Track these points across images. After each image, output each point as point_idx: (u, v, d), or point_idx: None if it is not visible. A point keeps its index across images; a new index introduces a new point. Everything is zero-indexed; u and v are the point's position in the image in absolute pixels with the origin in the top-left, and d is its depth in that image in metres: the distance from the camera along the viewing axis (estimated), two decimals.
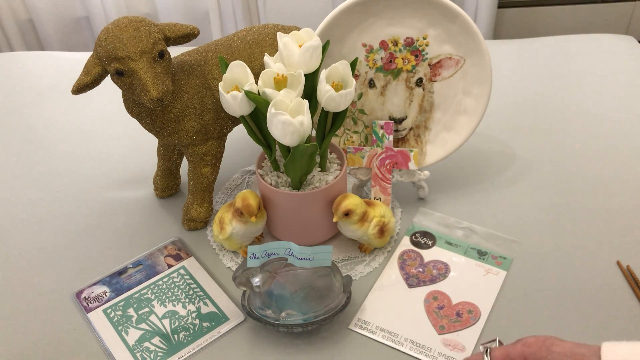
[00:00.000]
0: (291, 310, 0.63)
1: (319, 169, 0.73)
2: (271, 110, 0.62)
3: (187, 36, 0.69)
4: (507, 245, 0.74)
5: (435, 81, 0.77)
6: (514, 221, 0.78)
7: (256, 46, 0.76)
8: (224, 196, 0.85)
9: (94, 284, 0.73)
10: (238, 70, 0.68)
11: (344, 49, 0.76)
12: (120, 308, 0.70)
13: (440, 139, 0.80)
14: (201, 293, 0.71)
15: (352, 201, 0.69)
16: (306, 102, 0.64)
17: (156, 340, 0.66)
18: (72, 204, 0.85)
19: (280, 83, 0.66)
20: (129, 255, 0.77)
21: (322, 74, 0.66)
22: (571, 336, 0.64)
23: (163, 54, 0.66)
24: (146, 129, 0.73)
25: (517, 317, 0.66)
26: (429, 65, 0.76)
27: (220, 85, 0.67)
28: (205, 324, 0.67)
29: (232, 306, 0.69)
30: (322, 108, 0.68)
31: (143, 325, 0.68)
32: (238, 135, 0.96)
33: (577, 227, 0.77)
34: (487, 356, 0.45)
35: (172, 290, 0.72)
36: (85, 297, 0.71)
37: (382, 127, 0.78)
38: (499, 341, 0.49)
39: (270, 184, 0.71)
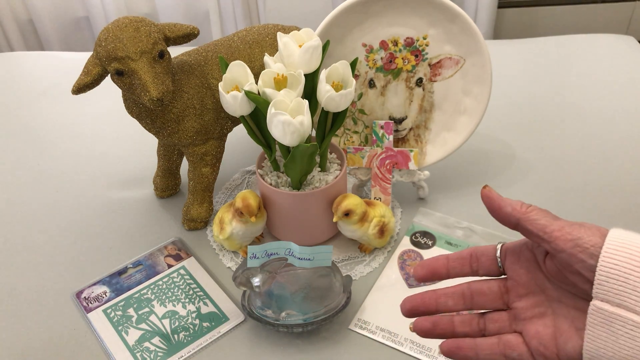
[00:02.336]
0: (291, 310, 0.63)
1: (319, 169, 0.73)
2: (271, 110, 0.62)
3: (187, 36, 0.69)
4: None
5: (435, 81, 0.77)
6: None
7: (256, 46, 0.76)
8: (224, 196, 0.85)
9: (94, 284, 0.73)
10: (238, 70, 0.68)
11: (344, 49, 0.76)
12: (120, 308, 0.70)
13: (440, 139, 0.80)
14: (201, 293, 0.71)
15: (352, 201, 0.69)
16: (306, 102, 0.64)
17: (156, 340, 0.66)
18: (72, 204, 0.85)
19: (280, 83, 0.66)
20: (129, 255, 0.77)
21: (322, 74, 0.66)
22: None
23: (163, 54, 0.66)
24: (146, 129, 0.73)
25: None
26: (429, 65, 0.76)
27: (220, 85, 0.67)
28: (205, 324, 0.68)
29: (232, 306, 0.69)
30: (322, 108, 0.68)
31: (143, 325, 0.68)
32: (238, 135, 0.96)
33: None
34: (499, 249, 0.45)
35: (172, 290, 0.72)
36: (85, 297, 0.71)
37: (382, 127, 0.78)
38: None
39: (270, 184, 0.71)
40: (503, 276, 0.45)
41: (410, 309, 0.46)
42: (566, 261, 0.38)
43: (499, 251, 0.45)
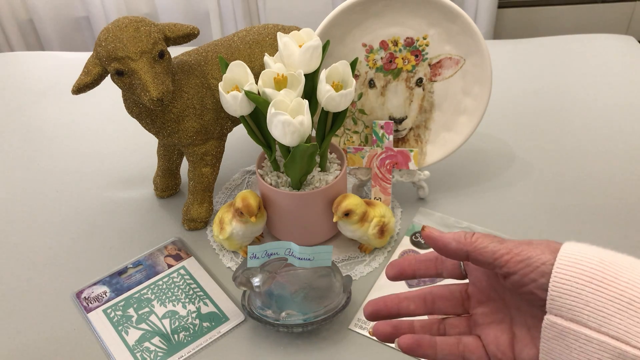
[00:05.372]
0: (291, 310, 0.63)
1: (319, 169, 0.73)
2: (271, 110, 0.62)
3: (187, 36, 0.69)
4: None
5: (435, 81, 0.77)
6: (514, 221, 0.78)
7: (256, 46, 0.76)
8: (224, 196, 0.85)
9: (94, 284, 0.73)
10: (238, 70, 0.68)
11: (344, 49, 0.76)
12: (120, 308, 0.70)
13: (440, 139, 0.80)
14: (201, 293, 0.71)
15: (352, 201, 0.69)
16: (306, 102, 0.64)
17: (156, 340, 0.66)
18: (72, 203, 0.85)
19: (280, 83, 0.66)
20: (129, 255, 0.77)
21: (322, 74, 0.66)
22: None
23: (163, 54, 0.66)
24: (146, 129, 0.73)
25: None
26: (429, 65, 0.76)
27: (220, 85, 0.67)
28: (205, 324, 0.68)
29: (232, 306, 0.69)
30: (322, 108, 0.68)
31: (143, 325, 0.68)
32: (238, 135, 0.96)
33: (576, 227, 0.77)
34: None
35: (172, 290, 0.72)
36: (85, 297, 0.71)
37: (382, 127, 0.78)
38: None
39: (270, 184, 0.71)
40: (466, 280, 0.46)
41: (372, 312, 0.46)
42: (518, 282, 0.38)
43: None
